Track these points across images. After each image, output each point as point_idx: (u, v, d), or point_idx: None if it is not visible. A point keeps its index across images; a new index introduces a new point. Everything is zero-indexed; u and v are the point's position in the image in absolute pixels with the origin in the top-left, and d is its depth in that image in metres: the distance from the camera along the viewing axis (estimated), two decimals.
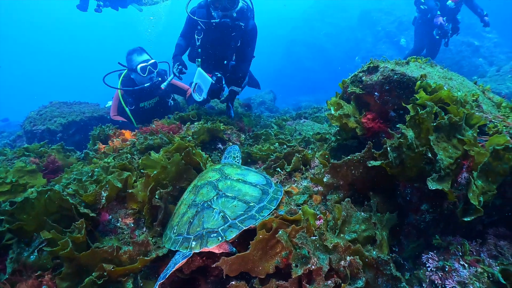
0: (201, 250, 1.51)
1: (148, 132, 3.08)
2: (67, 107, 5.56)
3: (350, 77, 2.41)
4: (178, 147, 2.45)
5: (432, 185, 1.42)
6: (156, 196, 1.92)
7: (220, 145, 3.18)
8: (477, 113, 1.76)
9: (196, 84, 3.90)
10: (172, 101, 5.22)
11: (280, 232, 1.32)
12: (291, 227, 1.35)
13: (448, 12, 6.62)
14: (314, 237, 1.39)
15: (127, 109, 4.72)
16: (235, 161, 2.54)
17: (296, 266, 1.33)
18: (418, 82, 1.94)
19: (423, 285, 1.43)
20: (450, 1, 6.52)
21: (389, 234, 1.65)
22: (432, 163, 1.52)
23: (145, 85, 4.56)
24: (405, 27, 15.79)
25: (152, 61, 4.61)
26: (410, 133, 1.55)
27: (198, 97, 3.90)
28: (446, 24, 6.40)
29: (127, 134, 3.36)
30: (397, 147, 1.56)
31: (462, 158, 1.54)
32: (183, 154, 2.32)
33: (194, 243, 1.52)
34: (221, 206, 1.65)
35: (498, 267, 1.35)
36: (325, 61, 21.55)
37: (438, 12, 6.54)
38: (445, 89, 1.87)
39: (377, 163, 1.62)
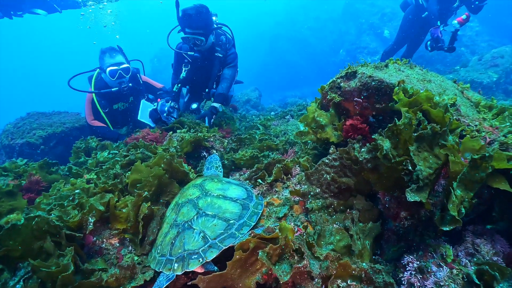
0: (183, 272, 1.51)
1: (132, 143, 3.02)
2: (46, 118, 5.26)
3: (328, 83, 2.40)
4: (159, 160, 2.41)
5: (411, 197, 1.42)
6: (146, 212, 1.92)
7: (205, 153, 3.15)
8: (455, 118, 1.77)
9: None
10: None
11: (260, 253, 1.33)
12: (268, 246, 1.36)
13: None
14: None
15: (102, 112, 4.45)
16: (218, 171, 2.53)
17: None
18: (396, 88, 1.95)
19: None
20: (455, 22, 5.57)
21: (372, 242, 1.67)
22: (410, 173, 1.53)
23: (112, 89, 4.33)
24: (388, 19, 15.85)
25: (125, 65, 4.32)
26: (386, 144, 1.56)
27: (152, 124, 4.16)
28: (443, 38, 5.65)
29: (110, 147, 3.30)
30: (371, 150, 1.58)
31: (441, 167, 1.55)
32: (162, 165, 2.31)
33: (176, 265, 1.53)
34: (201, 226, 1.65)
35: (473, 267, 1.38)
36: (310, 55, 21.47)
37: (438, 23, 5.79)
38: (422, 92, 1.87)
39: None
